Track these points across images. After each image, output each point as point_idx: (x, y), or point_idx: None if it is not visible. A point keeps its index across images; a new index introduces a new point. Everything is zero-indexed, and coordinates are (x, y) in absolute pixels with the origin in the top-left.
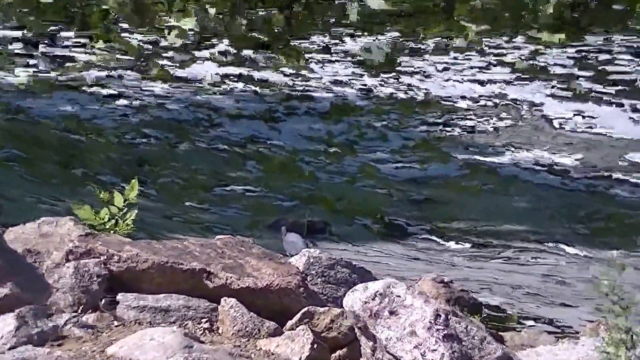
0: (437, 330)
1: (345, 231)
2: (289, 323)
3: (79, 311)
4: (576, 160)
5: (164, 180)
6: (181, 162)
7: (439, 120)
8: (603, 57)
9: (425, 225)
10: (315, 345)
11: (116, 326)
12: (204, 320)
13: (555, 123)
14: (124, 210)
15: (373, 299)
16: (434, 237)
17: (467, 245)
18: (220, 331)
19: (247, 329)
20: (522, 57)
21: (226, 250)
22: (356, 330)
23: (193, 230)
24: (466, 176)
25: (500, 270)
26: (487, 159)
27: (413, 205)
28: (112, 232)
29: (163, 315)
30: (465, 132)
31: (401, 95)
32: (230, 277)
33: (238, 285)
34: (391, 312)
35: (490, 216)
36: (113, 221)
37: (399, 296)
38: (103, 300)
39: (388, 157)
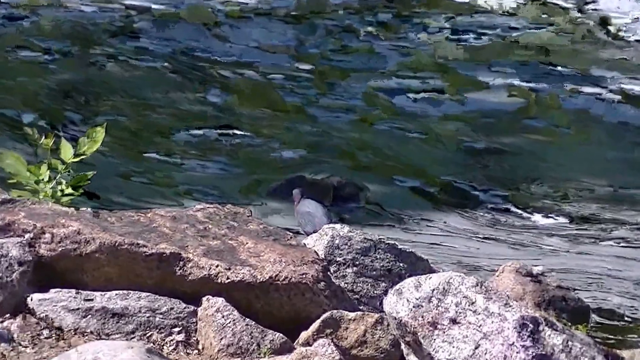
0: (524, 347)
1: (385, 198)
2: (304, 335)
3: None
4: None
5: (104, 119)
6: (115, 89)
7: (451, 25)
8: None
9: (497, 188)
10: None
11: (46, 338)
12: (176, 330)
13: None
14: (67, 170)
15: (428, 301)
16: (512, 207)
17: (563, 219)
18: (200, 346)
19: (240, 344)
20: None
21: (210, 226)
22: (402, 346)
23: (161, 195)
24: (528, 111)
25: (614, 257)
26: (552, 86)
27: (472, 158)
28: (46, 199)
29: (116, 323)
30: (500, 40)
31: None
32: (217, 267)
33: (228, 279)
34: (454, 321)
35: (590, 175)
36: (55, 186)
37: (467, 296)
38: (28, 299)
39: (396, 83)
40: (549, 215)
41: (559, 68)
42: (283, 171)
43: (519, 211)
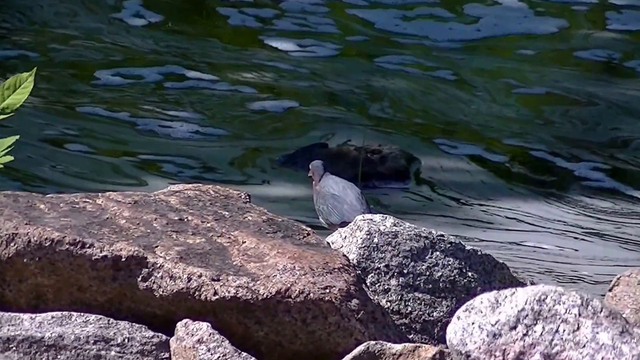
0: None
1: (441, 173)
2: None
3: None
4: None
5: (19, 53)
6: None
7: None
8: None
9: (597, 159)
10: None
11: None
12: None
13: None
14: None
15: (510, 328)
16: (622, 186)
17: None
18: None
19: None
20: None
21: (190, 216)
22: None
23: (114, 170)
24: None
25: None
26: None
27: (553, 114)
28: None
29: (52, 359)
30: None
31: None
32: (199, 276)
33: (215, 294)
34: (548, 357)
35: None
36: None
37: (566, 321)
38: None
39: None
40: None
41: None
42: (289, 134)
43: (634, 192)
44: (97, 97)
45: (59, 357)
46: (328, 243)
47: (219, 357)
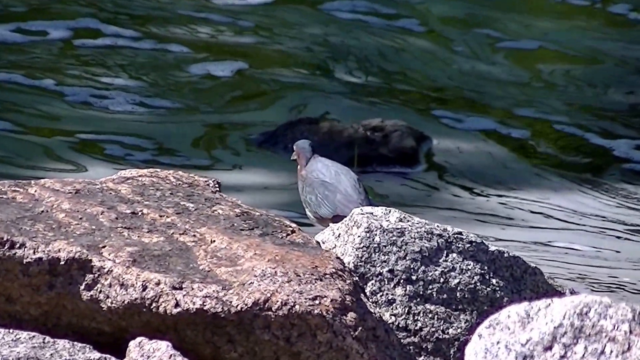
0: None
1: (457, 157)
2: None
3: None
4: None
5: None
6: None
7: None
8: None
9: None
10: None
11: None
12: None
13: None
14: None
15: (545, 348)
16: None
17: None
18: None
19: None
20: None
21: (145, 209)
22: None
23: (47, 153)
24: None
25: None
26: None
27: (591, 87)
28: None
29: None
30: None
31: None
32: (157, 284)
33: (177, 306)
34: None
35: None
36: None
37: (614, 339)
38: None
39: None
40: None
41: None
42: (252, 106)
43: None
44: (18, 60)
45: None
46: (318, 242)
47: None
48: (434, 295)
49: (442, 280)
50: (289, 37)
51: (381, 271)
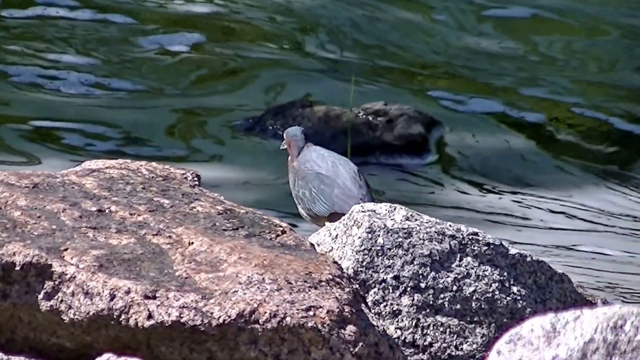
0: None
1: (472, 147)
2: None
3: None
4: None
5: None
6: None
7: None
8: None
9: None
10: None
11: None
12: None
13: None
14: None
15: None
16: None
17: None
18: None
19: None
20: None
21: (113, 205)
22: None
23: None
24: None
25: None
26: None
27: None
28: None
29: None
30: None
31: None
32: (127, 292)
33: (150, 318)
34: None
35: None
36: None
37: None
38: None
39: None
40: None
41: None
42: (221, 86)
43: None
44: None
45: None
46: (312, 245)
47: None
48: (446, 305)
49: (455, 288)
50: (247, 5)
51: (385, 278)
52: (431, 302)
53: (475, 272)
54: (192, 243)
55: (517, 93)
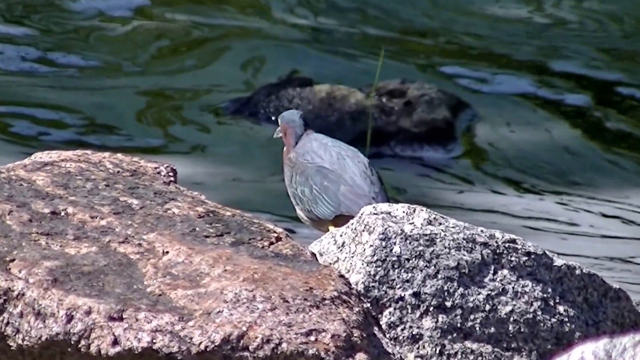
0: None
1: (502, 135)
2: None
3: None
4: None
5: None
6: None
7: None
8: None
9: None
10: None
11: None
12: None
13: None
14: None
15: None
16: None
17: None
18: None
19: None
20: None
21: (70, 206)
22: None
23: None
24: None
25: None
26: None
27: None
28: None
29: None
30: None
31: None
32: (88, 313)
33: (115, 344)
34: None
35: None
36: None
37: None
38: None
39: None
40: None
41: None
42: (189, 61)
43: None
44: None
45: None
46: (313, 254)
47: None
48: (477, 328)
49: (488, 307)
50: None
51: (403, 295)
52: (459, 325)
53: (513, 287)
54: (167, 252)
55: (544, 68)
